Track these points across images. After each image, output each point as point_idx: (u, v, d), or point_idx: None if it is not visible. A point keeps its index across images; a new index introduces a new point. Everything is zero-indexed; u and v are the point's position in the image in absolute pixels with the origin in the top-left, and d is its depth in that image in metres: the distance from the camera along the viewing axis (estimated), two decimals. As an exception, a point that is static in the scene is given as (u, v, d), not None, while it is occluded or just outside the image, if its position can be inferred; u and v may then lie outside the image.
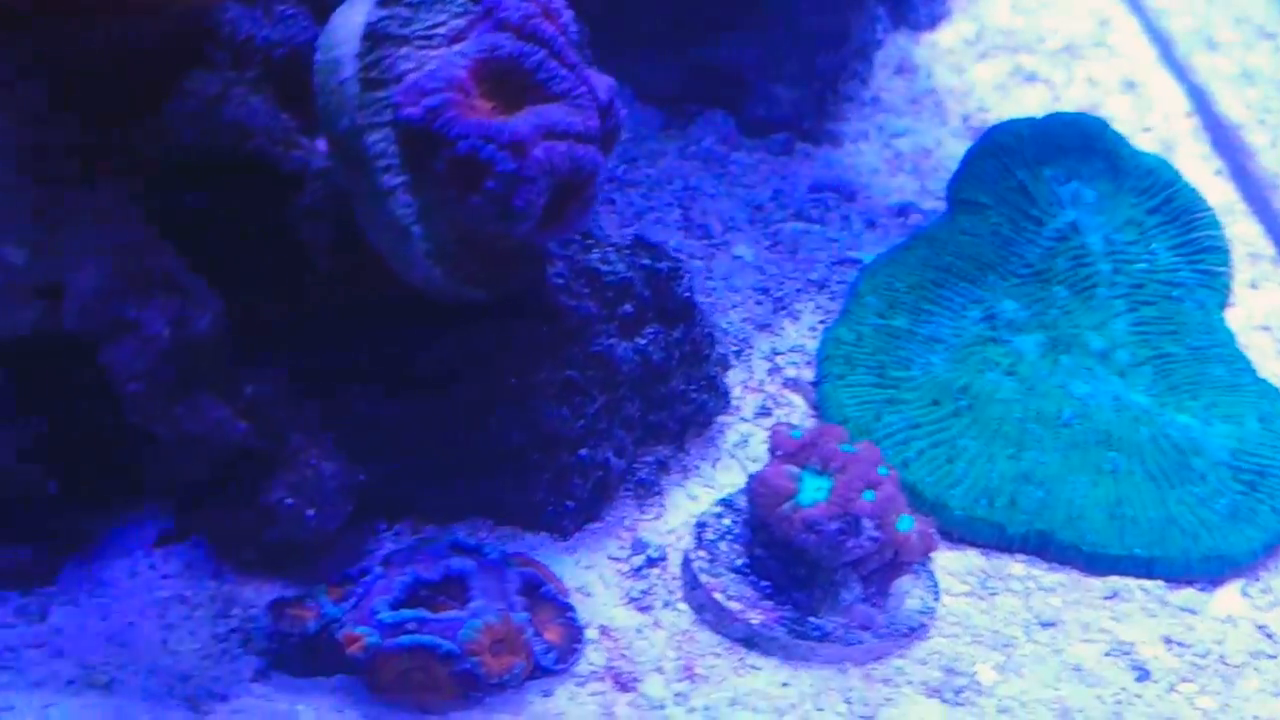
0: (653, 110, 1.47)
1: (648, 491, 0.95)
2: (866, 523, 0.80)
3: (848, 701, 0.82)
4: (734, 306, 1.14)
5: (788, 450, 0.82)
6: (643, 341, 0.88)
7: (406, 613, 0.78)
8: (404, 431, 0.83)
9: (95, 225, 0.64)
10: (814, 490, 0.81)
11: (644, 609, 0.88)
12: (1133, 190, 1.21)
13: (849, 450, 0.82)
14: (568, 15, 0.75)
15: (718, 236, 1.25)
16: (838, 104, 1.50)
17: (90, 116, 0.67)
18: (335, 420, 0.80)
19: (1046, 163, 1.20)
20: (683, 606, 0.88)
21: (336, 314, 0.78)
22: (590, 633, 0.85)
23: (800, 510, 0.80)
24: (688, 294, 0.90)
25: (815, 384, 1.04)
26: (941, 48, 1.75)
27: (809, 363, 1.07)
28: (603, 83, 0.75)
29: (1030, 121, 1.22)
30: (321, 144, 0.77)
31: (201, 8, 0.70)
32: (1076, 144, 1.21)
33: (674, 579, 0.90)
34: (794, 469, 0.81)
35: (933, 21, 1.83)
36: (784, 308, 1.14)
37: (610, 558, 0.91)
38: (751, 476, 0.84)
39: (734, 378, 1.04)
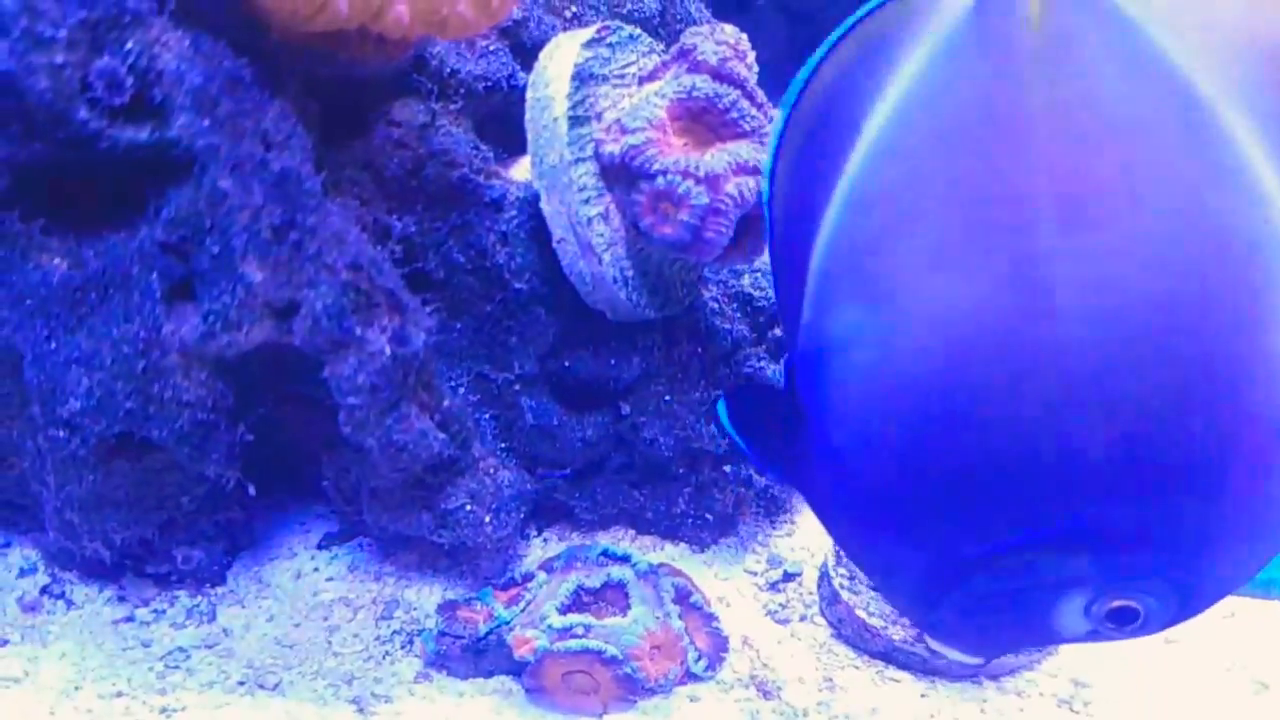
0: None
1: (779, 508, 1.03)
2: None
3: (983, 711, 0.90)
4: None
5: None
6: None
7: (574, 618, 0.85)
8: (566, 443, 0.91)
9: (331, 245, 0.72)
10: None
11: (782, 622, 0.96)
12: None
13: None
14: (752, 55, 0.83)
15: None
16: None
17: (320, 142, 0.75)
18: (506, 429, 0.88)
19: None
20: (820, 621, 0.96)
21: (518, 330, 0.85)
22: (733, 642, 0.93)
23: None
24: (833, 320, 0.98)
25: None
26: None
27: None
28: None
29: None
30: (515, 172, 0.85)
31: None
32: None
33: (809, 594, 0.98)
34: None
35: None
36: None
37: (747, 571, 0.99)
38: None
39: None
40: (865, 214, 0.51)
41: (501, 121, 0.86)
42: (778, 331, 0.95)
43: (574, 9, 0.90)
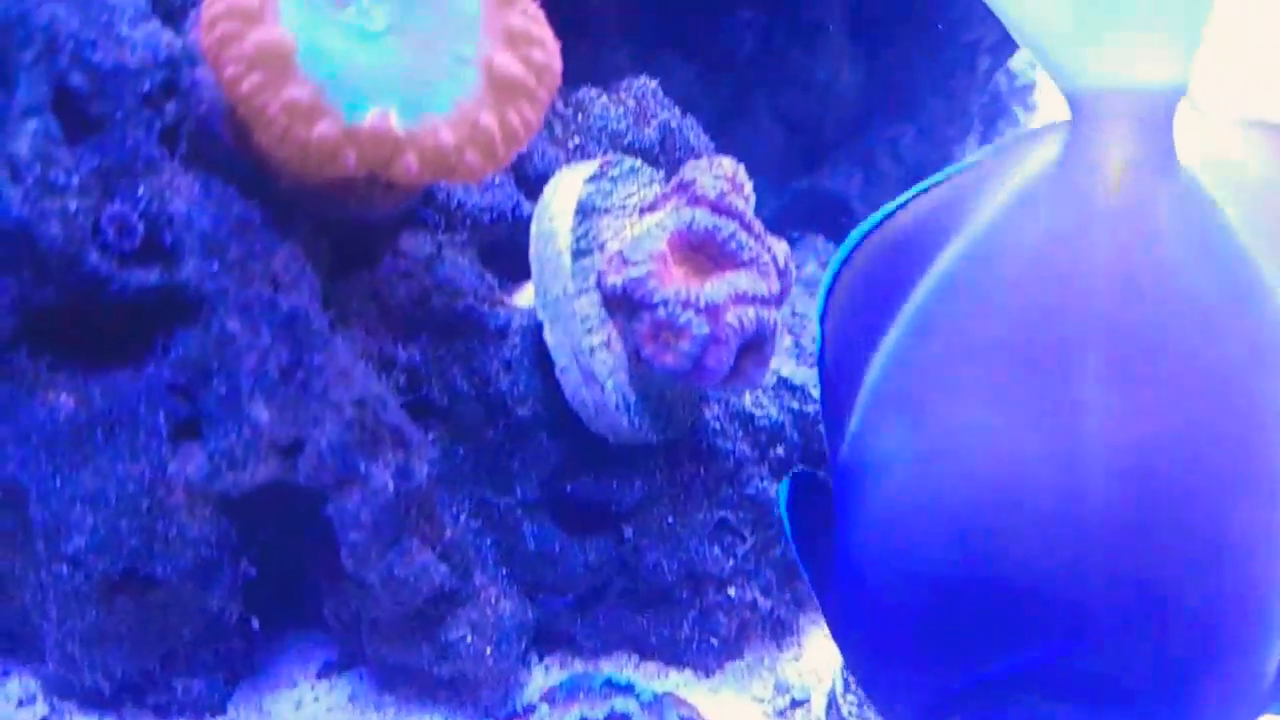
0: (753, 232, 1.57)
1: (786, 630, 1.02)
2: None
3: None
4: (854, 439, 1.22)
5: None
6: (794, 484, 0.96)
7: (578, 752, 0.84)
8: (568, 568, 0.91)
9: (337, 382, 0.73)
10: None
11: (791, 750, 0.95)
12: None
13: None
14: (749, 186, 0.85)
15: (830, 364, 1.34)
16: (935, 229, 1.61)
17: (327, 276, 0.77)
18: (508, 556, 0.88)
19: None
20: (830, 748, 0.95)
21: (521, 456, 0.86)
22: (742, 773, 0.92)
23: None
24: (837, 439, 0.99)
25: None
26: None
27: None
28: (780, 248, 0.85)
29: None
30: (519, 299, 0.87)
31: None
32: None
33: (818, 720, 0.96)
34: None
35: (1017, 142, 1.95)
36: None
37: (755, 698, 0.98)
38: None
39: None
40: (925, 340, 0.53)
41: (506, 249, 0.88)
42: (780, 451, 0.96)
43: (577, 140, 0.92)
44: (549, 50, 0.74)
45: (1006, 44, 1.56)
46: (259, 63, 0.64)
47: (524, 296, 0.88)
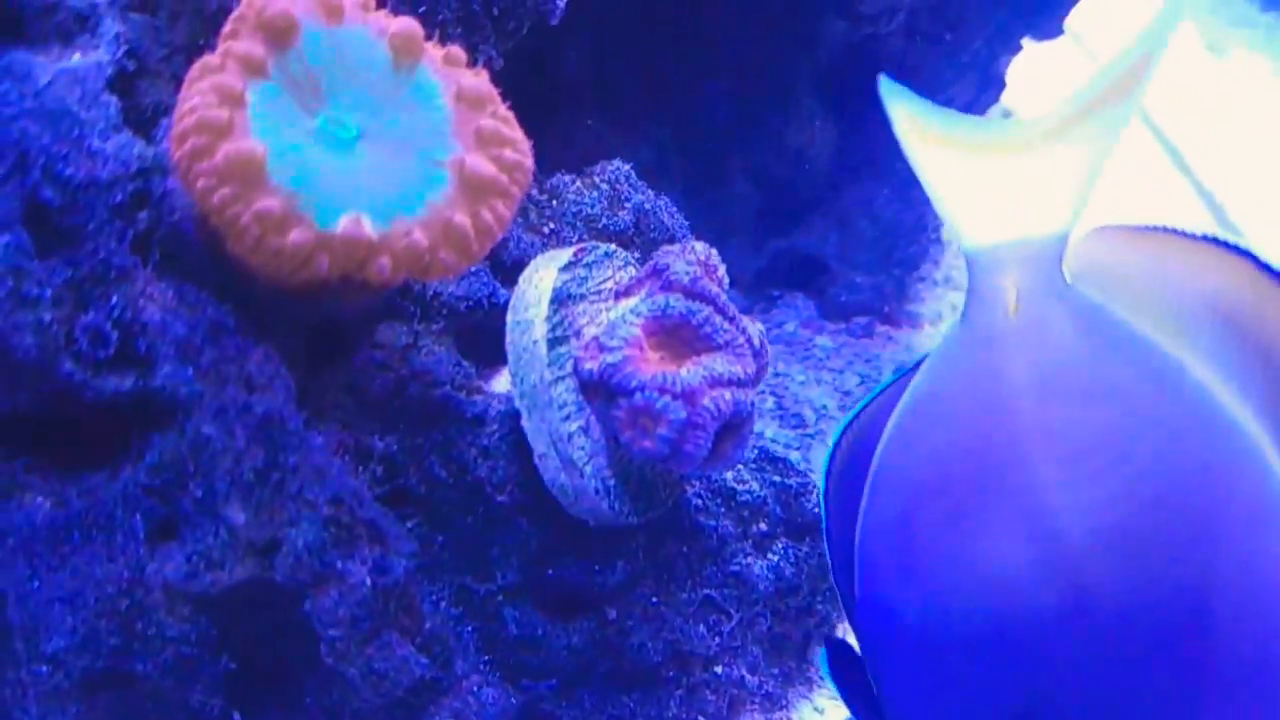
0: (735, 295, 1.57)
1: (774, 705, 1.01)
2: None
3: None
4: (838, 502, 1.22)
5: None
6: (775, 559, 0.96)
7: (566, 841, 0.83)
8: (551, 652, 0.90)
9: (312, 482, 0.73)
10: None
11: (782, 828, 0.93)
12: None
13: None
14: (722, 269, 0.86)
15: (811, 425, 1.34)
16: (913, 285, 1.62)
17: (303, 371, 0.77)
18: (489, 641, 0.87)
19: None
20: (820, 825, 0.93)
21: (500, 542, 0.86)
22: None
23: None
24: (816, 509, 0.98)
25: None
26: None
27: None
28: (755, 329, 0.85)
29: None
30: (496, 385, 0.87)
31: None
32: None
33: (809, 795, 0.95)
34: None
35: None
36: (888, 504, 1.22)
37: (744, 774, 0.97)
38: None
39: (846, 579, 1.11)
40: (887, 496, 0.57)
41: (483, 336, 0.88)
42: (763, 525, 0.95)
43: (551, 225, 0.93)
44: (520, 149, 0.74)
45: (979, 103, 1.58)
46: (230, 175, 0.65)
47: (501, 382, 0.88)
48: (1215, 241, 0.57)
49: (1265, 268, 0.55)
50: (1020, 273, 0.54)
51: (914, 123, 0.58)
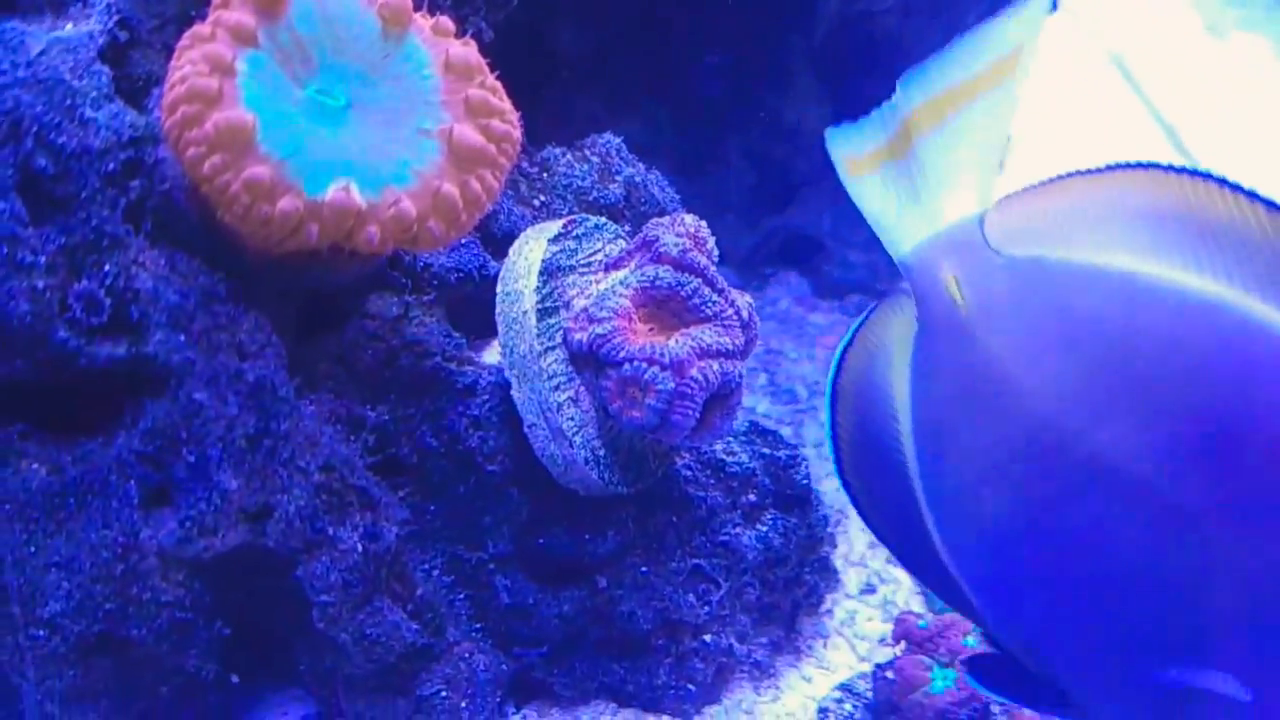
0: (729, 272, 1.59)
1: (763, 673, 1.02)
2: (995, 708, 0.87)
3: None
4: (827, 475, 1.23)
5: (916, 640, 0.90)
6: (764, 529, 0.96)
7: (555, 804, 0.85)
8: (542, 620, 0.91)
9: (304, 449, 0.74)
10: (942, 679, 0.88)
11: (769, 794, 0.95)
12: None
13: (974, 644, 0.89)
14: (711, 241, 0.86)
15: (804, 402, 1.35)
16: (906, 263, 1.62)
17: (294, 341, 0.77)
18: (481, 609, 0.89)
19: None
20: (807, 791, 0.95)
21: (492, 511, 0.87)
22: (719, 818, 0.92)
23: (932, 698, 0.87)
24: (805, 482, 0.99)
25: (919, 561, 1.12)
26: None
27: (910, 538, 1.15)
28: (744, 301, 0.86)
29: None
30: (487, 356, 0.88)
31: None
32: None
33: (796, 762, 0.96)
34: (926, 659, 0.89)
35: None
36: (878, 478, 1.23)
37: (733, 741, 0.98)
38: (879, 666, 0.91)
39: (835, 551, 1.12)
40: (937, 483, 0.61)
41: (474, 308, 0.89)
42: (752, 496, 0.96)
43: (542, 198, 0.93)
44: (508, 119, 0.75)
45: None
46: (220, 144, 0.65)
47: (492, 353, 0.89)
48: (1114, 167, 0.59)
49: (1168, 168, 0.57)
50: (951, 263, 0.58)
51: (848, 156, 0.64)
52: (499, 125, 0.74)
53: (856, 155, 0.64)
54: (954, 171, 0.59)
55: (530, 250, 0.82)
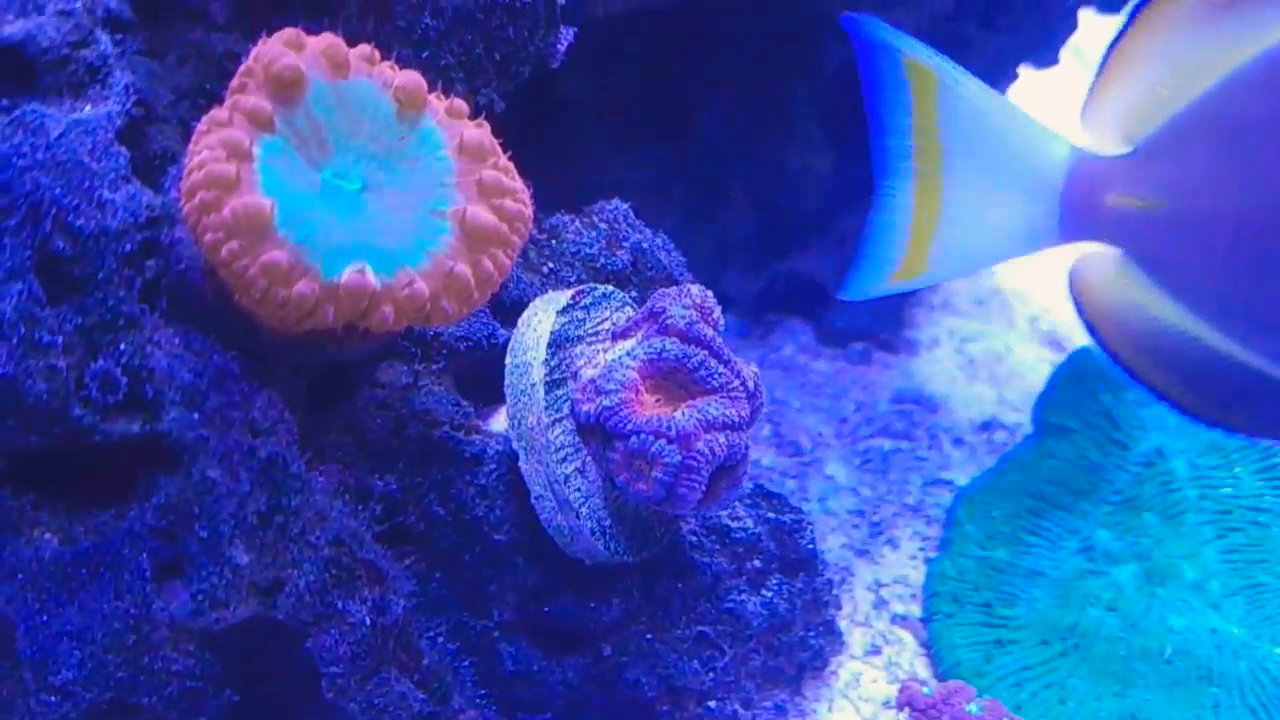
0: (731, 317, 1.61)
1: (766, 735, 1.04)
2: (994, 781, 0.89)
3: None
4: (832, 531, 1.25)
5: (920, 708, 0.92)
6: (769, 595, 0.98)
7: None
8: (547, 687, 0.93)
9: (314, 524, 0.76)
10: (945, 749, 0.90)
11: None
12: (1212, 414, 1.33)
13: (977, 712, 0.91)
14: (718, 311, 0.89)
15: (808, 454, 1.38)
16: (910, 310, 1.65)
17: (305, 411, 0.80)
18: (486, 677, 0.90)
19: (1129, 386, 1.33)
20: None
21: (497, 579, 0.89)
22: None
23: (934, 770, 0.89)
24: (810, 546, 1.02)
25: (924, 621, 1.14)
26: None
27: (914, 596, 1.17)
28: (749, 371, 0.88)
29: (1110, 347, 1.36)
30: (494, 423, 0.90)
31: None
32: (1156, 368, 1.34)
33: (800, 827, 0.98)
34: (929, 731, 0.90)
35: (991, 214, 2.00)
36: (882, 533, 1.25)
37: (737, 805, 0.99)
38: (885, 734, 0.93)
39: (839, 612, 1.14)
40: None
41: (482, 376, 0.91)
42: (757, 562, 0.98)
43: (551, 265, 0.96)
44: (520, 198, 0.77)
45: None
46: (237, 229, 0.68)
47: (499, 421, 0.91)
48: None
49: None
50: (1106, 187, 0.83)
51: None
52: (511, 204, 0.77)
53: None
54: None
55: (539, 322, 0.84)
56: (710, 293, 0.89)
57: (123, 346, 0.73)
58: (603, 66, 1.54)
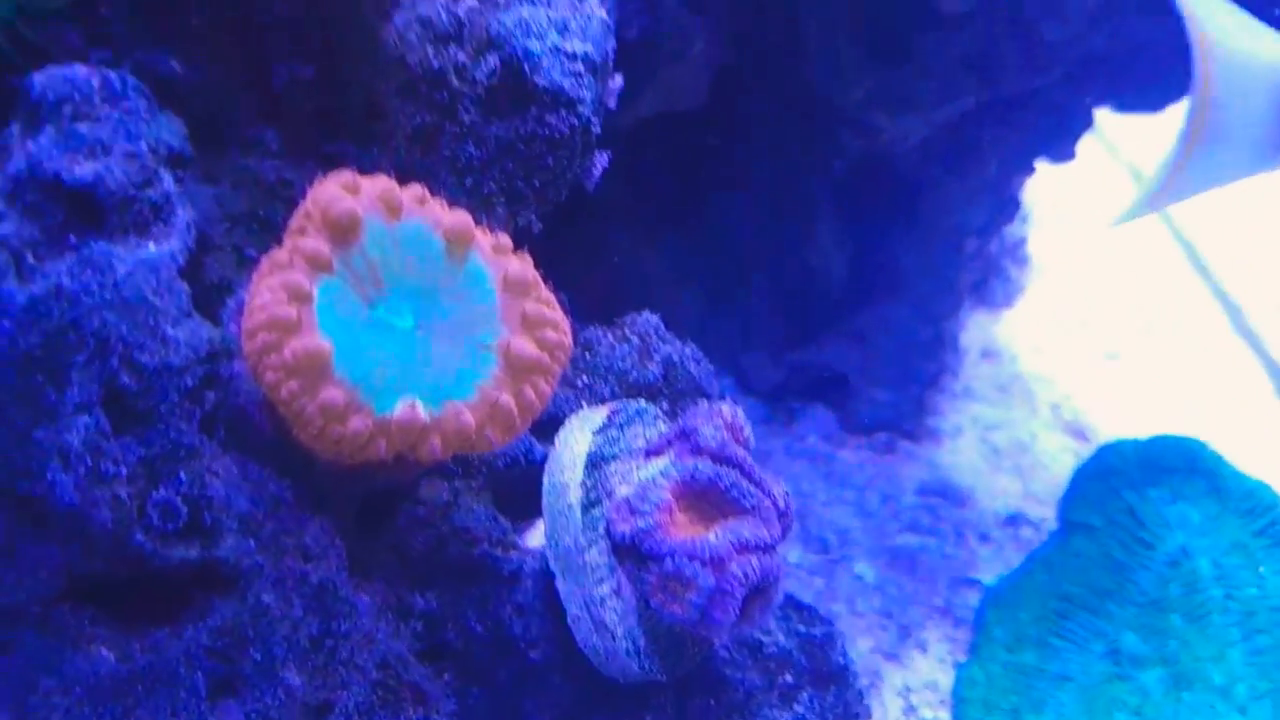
0: (754, 403, 1.65)
1: (798, 843, 1.05)
2: None
3: None
4: (861, 634, 1.27)
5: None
6: (801, 710, 1.01)
7: None
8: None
9: (362, 647, 0.79)
10: None
11: None
12: (1236, 512, 1.36)
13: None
14: (749, 429, 0.92)
15: (835, 550, 1.40)
16: (934, 396, 1.69)
17: (350, 537, 0.83)
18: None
19: (1152, 484, 1.36)
20: None
21: (533, 695, 0.91)
22: None
23: None
24: (842, 659, 1.04)
25: (953, 728, 1.16)
26: (1020, 326, 1.95)
27: (943, 702, 1.19)
28: (779, 489, 0.92)
29: (1135, 443, 1.39)
30: (530, 538, 0.93)
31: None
32: (1179, 465, 1.37)
33: None
34: None
35: (1009, 298, 2.04)
36: (910, 635, 1.27)
37: None
38: None
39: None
40: None
41: (519, 489, 0.95)
42: (789, 677, 1.01)
43: (585, 379, 1.00)
44: (561, 329, 0.82)
45: (994, 225, 1.66)
46: (297, 370, 0.72)
47: (535, 536, 0.94)
48: None
49: None
50: None
51: None
52: (552, 335, 0.81)
53: None
54: None
55: (576, 442, 0.88)
56: (740, 410, 0.93)
57: (183, 476, 0.77)
58: (629, 164, 1.59)
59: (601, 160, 1.01)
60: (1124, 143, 2.34)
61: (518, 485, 0.95)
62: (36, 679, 0.82)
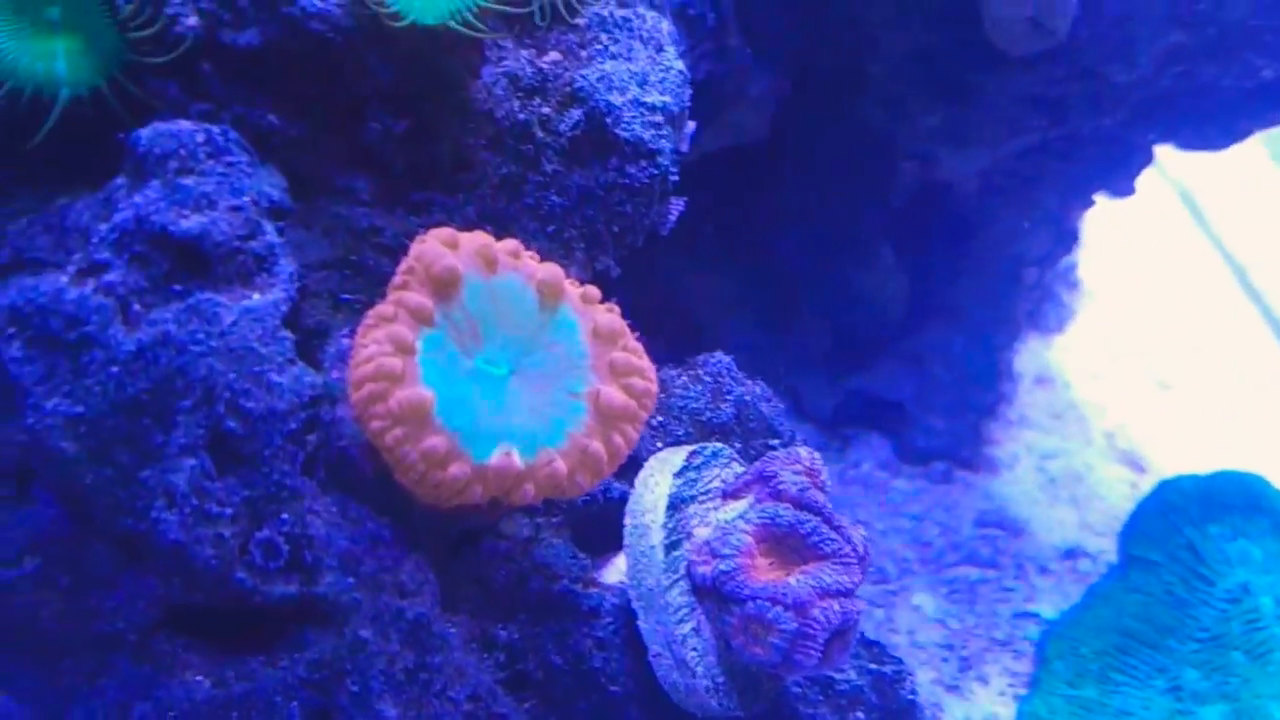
0: (810, 429, 1.68)
1: None
2: None
3: None
4: (921, 665, 1.29)
5: None
6: (871, 743, 1.03)
7: None
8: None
9: (454, 680, 0.83)
10: None
11: None
12: (1299, 549, 1.37)
13: None
14: (826, 473, 0.95)
15: (894, 580, 1.43)
16: (988, 425, 1.71)
17: (441, 572, 0.87)
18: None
19: (1213, 520, 1.37)
20: None
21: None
22: None
23: None
24: (911, 696, 1.06)
25: (1016, 763, 1.18)
26: (1074, 351, 1.97)
27: (1005, 736, 1.21)
28: (858, 535, 0.95)
29: (1195, 479, 1.40)
30: (609, 574, 0.96)
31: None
32: (1240, 501, 1.39)
33: None
34: None
35: (1061, 323, 2.06)
36: (971, 668, 1.29)
37: None
38: None
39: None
40: None
41: (598, 526, 0.98)
42: (860, 714, 1.03)
43: (660, 418, 1.03)
44: (648, 376, 0.85)
45: (1053, 257, 1.67)
46: (402, 418, 0.76)
47: (613, 572, 0.97)
48: None
49: None
50: None
51: None
52: (639, 383, 0.84)
53: None
54: None
55: (657, 484, 0.91)
56: (818, 455, 0.95)
57: (285, 516, 0.81)
58: (689, 194, 1.63)
59: (678, 206, 1.04)
60: (1173, 165, 2.35)
61: (596, 522, 0.98)
62: (131, 704, 0.86)
